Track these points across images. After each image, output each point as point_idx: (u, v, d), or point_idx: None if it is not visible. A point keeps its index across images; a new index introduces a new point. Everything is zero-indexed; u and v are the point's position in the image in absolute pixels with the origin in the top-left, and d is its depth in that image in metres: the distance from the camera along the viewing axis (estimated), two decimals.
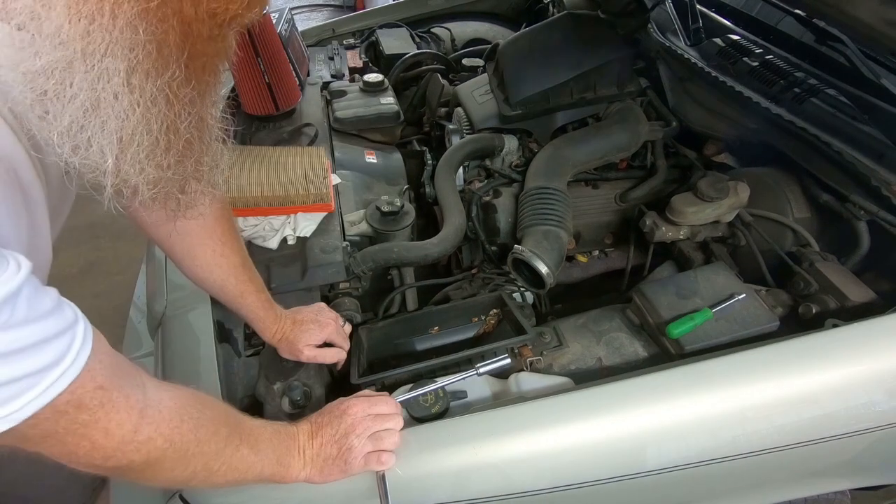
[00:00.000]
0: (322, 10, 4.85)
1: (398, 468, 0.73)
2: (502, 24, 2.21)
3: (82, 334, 0.47)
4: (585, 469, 0.79)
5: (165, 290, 1.03)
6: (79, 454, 0.51)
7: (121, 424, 0.52)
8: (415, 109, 1.84)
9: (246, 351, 1.01)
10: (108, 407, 0.50)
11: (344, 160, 1.44)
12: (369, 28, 2.07)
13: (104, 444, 0.51)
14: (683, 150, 1.45)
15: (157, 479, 0.59)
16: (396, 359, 1.07)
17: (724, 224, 1.22)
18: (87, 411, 0.49)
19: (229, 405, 0.69)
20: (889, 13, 0.88)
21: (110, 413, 0.50)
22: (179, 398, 0.60)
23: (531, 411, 0.80)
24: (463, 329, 1.12)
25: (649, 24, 1.53)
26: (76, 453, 0.51)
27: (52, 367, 0.44)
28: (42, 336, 0.43)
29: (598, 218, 1.42)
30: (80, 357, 0.46)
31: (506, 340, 0.97)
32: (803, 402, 0.82)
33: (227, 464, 0.63)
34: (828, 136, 1.11)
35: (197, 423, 0.59)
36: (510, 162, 1.44)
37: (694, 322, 0.95)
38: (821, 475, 0.96)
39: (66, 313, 0.47)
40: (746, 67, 1.32)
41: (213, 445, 0.61)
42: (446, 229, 1.25)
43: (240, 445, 0.64)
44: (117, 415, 0.51)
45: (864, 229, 1.07)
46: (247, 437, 0.66)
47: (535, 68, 1.40)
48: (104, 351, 0.51)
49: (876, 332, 0.86)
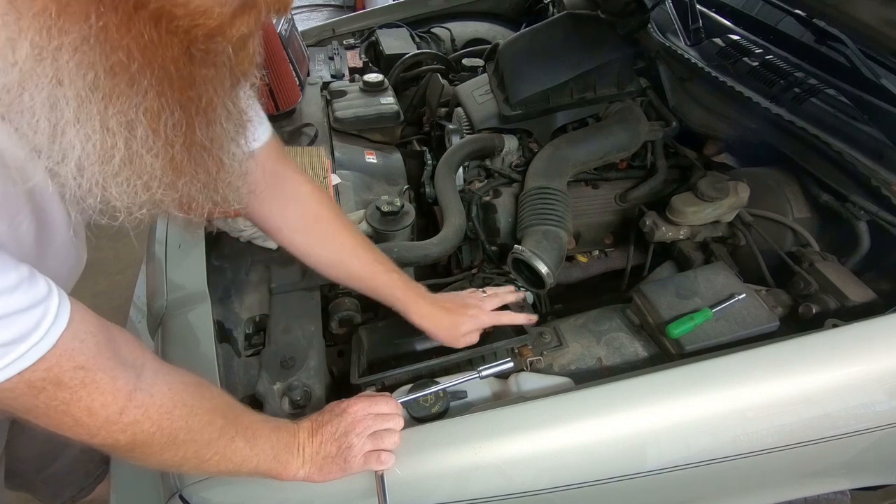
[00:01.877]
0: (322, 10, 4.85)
1: (397, 468, 0.73)
2: (502, 24, 2.21)
3: (54, 312, 0.47)
4: (585, 469, 0.79)
5: (165, 290, 1.03)
6: (63, 429, 0.52)
7: (105, 405, 0.52)
8: (415, 109, 1.84)
9: (246, 351, 1.01)
10: (90, 387, 0.51)
11: (344, 160, 1.44)
12: (369, 28, 2.06)
13: (88, 422, 0.52)
14: (683, 150, 1.45)
15: (145, 461, 0.60)
16: (396, 359, 1.07)
17: (724, 224, 1.22)
18: (67, 390, 0.49)
19: (231, 397, 0.69)
20: (889, 13, 0.88)
21: (93, 394, 0.51)
22: (177, 384, 0.60)
23: (531, 411, 0.80)
24: None
25: (649, 24, 1.53)
26: (61, 427, 0.52)
27: (17, 343, 0.45)
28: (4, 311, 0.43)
29: (598, 218, 1.41)
30: (50, 334, 0.47)
31: (506, 340, 0.97)
32: (803, 402, 0.82)
33: (219, 454, 0.63)
34: (828, 136, 1.11)
35: (190, 411, 0.60)
36: (510, 162, 1.44)
37: (694, 322, 0.95)
38: (821, 475, 0.96)
39: (37, 290, 0.46)
40: (746, 67, 1.32)
41: (206, 435, 0.62)
42: (446, 229, 1.25)
43: (235, 437, 0.65)
44: (101, 396, 0.52)
45: (864, 229, 1.07)
46: (244, 430, 0.66)
47: (535, 68, 1.40)
48: (89, 331, 0.51)
49: (876, 332, 0.86)
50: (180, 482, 0.75)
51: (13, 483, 1.22)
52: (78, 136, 0.42)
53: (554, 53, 1.40)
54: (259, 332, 1.04)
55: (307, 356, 0.95)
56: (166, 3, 0.41)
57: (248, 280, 1.10)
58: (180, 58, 0.44)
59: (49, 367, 0.47)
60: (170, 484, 0.77)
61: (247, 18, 0.46)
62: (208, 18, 0.43)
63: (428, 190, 1.42)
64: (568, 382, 0.91)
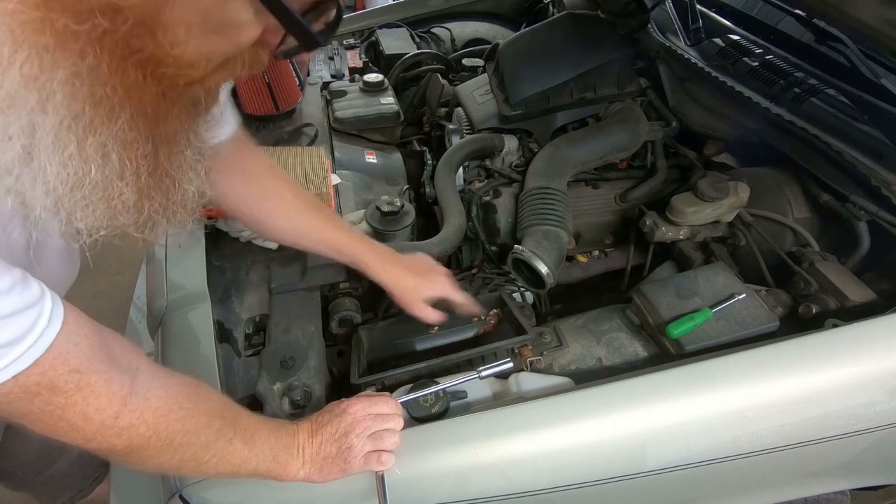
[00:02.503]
0: None
1: (397, 468, 0.73)
2: (502, 24, 2.21)
3: (48, 315, 0.47)
4: (585, 469, 0.79)
5: (165, 290, 1.02)
6: (59, 433, 0.52)
7: (100, 409, 0.52)
8: (415, 109, 1.84)
9: (246, 351, 1.01)
10: (85, 391, 0.51)
11: (344, 160, 1.44)
12: (369, 28, 2.06)
13: (83, 427, 0.52)
14: (683, 150, 1.45)
15: (143, 465, 0.59)
16: (396, 359, 1.07)
17: (724, 224, 1.22)
18: (62, 394, 0.49)
19: (229, 398, 0.69)
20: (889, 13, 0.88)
21: (88, 398, 0.51)
22: (172, 387, 0.60)
23: (531, 411, 0.80)
24: (463, 329, 1.12)
25: (649, 24, 1.53)
26: (56, 432, 0.52)
27: (12, 346, 0.45)
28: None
29: (598, 218, 1.41)
30: (44, 337, 0.47)
31: (506, 341, 0.97)
32: (803, 402, 0.82)
33: (218, 456, 0.63)
34: (828, 136, 1.11)
35: (187, 414, 0.60)
36: (510, 162, 1.44)
37: (694, 322, 0.95)
38: (821, 475, 0.96)
39: (30, 293, 0.47)
40: (746, 67, 1.32)
41: (203, 437, 0.62)
42: (446, 229, 1.25)
43: (233, 439, 0.65)
44: (96, 400, 0.52)
45: (864, 229, 1.07)
46: (242, 431, 0.66)
47: (535, 68, 1.40)
48: (83, 334, 0.51)
49: (876, 332, 0.86)
50: (180, 482, 0.76)
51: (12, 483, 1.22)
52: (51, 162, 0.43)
53: (554, 53, 1.40)
54: (259, 332, 1.04)
55: (307, 356, 0.95)
56: (160, 53, 0.43)
57: (248, 280, 1.10)
58: (157, 98, 0.46)
59: (44, 371, 0.47)
60: (170, 484, 0.77)
61: (225, 73, 0.49)
62: (193, 70, 0.45)
63: (428, 190, 1.42)
64: (568, 382, 0.91)
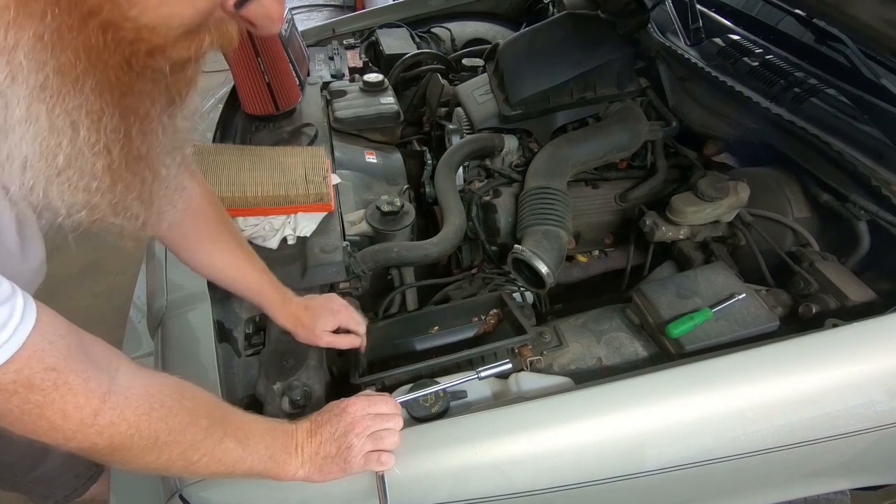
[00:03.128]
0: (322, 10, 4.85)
1: (397, 468, 0.73)
2: (502, 24, 2.21)
3: (20, 313, 0.47)
4: (585, 469, 0.79)
5: (165, 290, 1.03)
6: (39, 433, 0.52)
7: (79, 407, 0.52)
8: (415, 109, 1.84)
9: (246, 351, 1.01)
10: (62, 389, 0.51)
11: (344, 160, 1.44)
12: (369, 28, 2.07)
13: (62, 425, 0.52)
14: (683, 150, 1.45)
15: (129, 465, 0.59)
16: (396, 359, 1.07)
17: (724, 224, 1.22)
18: (39, 392, 0.49)
19: (216, 397, 0.69)
20: (889, 13, 0.88)
21: (66, 396, 0.51)
22: (154, 386, 0.59)
23: (531, 411, 0.80)
24: (463, 329, 1.12)
25: (649, 24, 1.53)
26: (36, 432, 0.52)
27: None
28: None
29: (598, 218, 1.42)
30: (17, 334, 0.47)
31: (506, 340, 0.97)
32: (803, 402, 0.82)
33: (208, 455, 0.63)
34: (828, 136, 1.11)
35: (169, 412, 0.59)
36: (510, 162, 1.44)
37: (694, 322, 0.95)
38: (821, 475, 0.96)
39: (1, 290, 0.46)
40: (746, 67, 1.32)
41: (189, 436, 0.61)
42: (446, 229, 1.25)
43: (223, 438, 0.64)
44: (74, 398, 0.51)
45: (864, 229, 1.07)
46: (233, 430, 0.66)
47: (535, 68, 1.40)
48: (58, 333, 0.51)
49: (876, 332, 0.86)
50: (180, 482, 0.76)
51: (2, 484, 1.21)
52: (26, 135, 0.43)
53: (554, 53, 1.41)
54: (259, 332, 1.04)
55: (307, 356, 0.95)
56: (118, 15, 0.42)
57: None
58: (121, 66, 0.46)
59: (19, 369, 0.47)
60: (170, 484, 0.77)
61: (188, 44, 0.48)
62: (153, 36, 0.45)
63: (428, 190, 1.42)
64: (568, 382, 0.91)
